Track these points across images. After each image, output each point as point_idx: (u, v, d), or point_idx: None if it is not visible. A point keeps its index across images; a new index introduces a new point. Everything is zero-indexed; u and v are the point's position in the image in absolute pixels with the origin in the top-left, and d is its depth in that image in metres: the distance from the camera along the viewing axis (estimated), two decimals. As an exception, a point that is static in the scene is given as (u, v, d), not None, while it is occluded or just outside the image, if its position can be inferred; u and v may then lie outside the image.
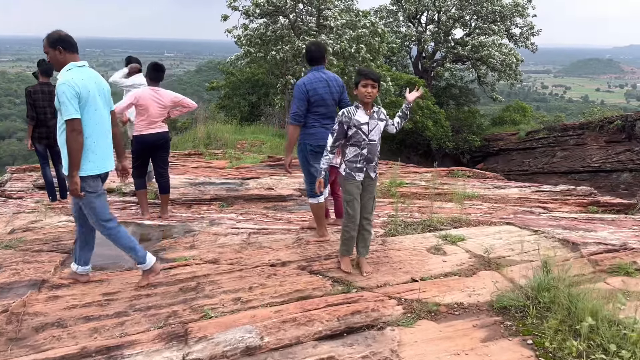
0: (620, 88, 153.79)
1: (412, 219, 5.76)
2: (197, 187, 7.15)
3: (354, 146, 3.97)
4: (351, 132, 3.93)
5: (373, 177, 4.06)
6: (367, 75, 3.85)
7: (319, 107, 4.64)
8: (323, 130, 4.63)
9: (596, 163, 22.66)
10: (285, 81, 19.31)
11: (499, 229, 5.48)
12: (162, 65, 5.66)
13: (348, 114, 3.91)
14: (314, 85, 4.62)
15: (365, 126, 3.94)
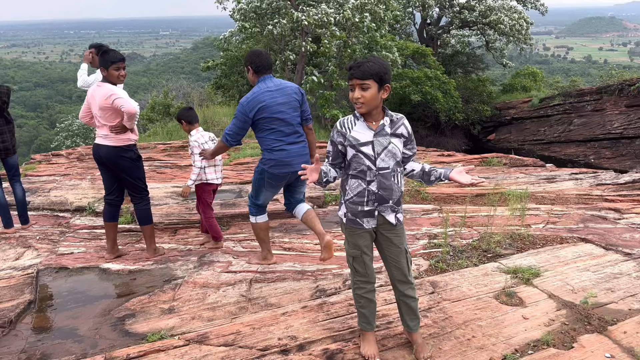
0: (624, 46, 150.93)
1: (460, 238, 4.48)
2: (186, 200, 5.84)
3: (356, 178, 2.60)
4: (350, 156, 2.59)
5: (394, 223, 2.66)
6: (351, 71, 2.48)
7: (274, 122, 3.74)
8: (287, 153, 3.74)
9: (617, 129, 21.34)
10: (285, 57, 17.86)
11: (577, 250, 4.21)
12: (104, 46, 4.21)
13: (342, 127, 2.58)
14: (263, 99, 3.72)
15: (368, 147, 2.54)
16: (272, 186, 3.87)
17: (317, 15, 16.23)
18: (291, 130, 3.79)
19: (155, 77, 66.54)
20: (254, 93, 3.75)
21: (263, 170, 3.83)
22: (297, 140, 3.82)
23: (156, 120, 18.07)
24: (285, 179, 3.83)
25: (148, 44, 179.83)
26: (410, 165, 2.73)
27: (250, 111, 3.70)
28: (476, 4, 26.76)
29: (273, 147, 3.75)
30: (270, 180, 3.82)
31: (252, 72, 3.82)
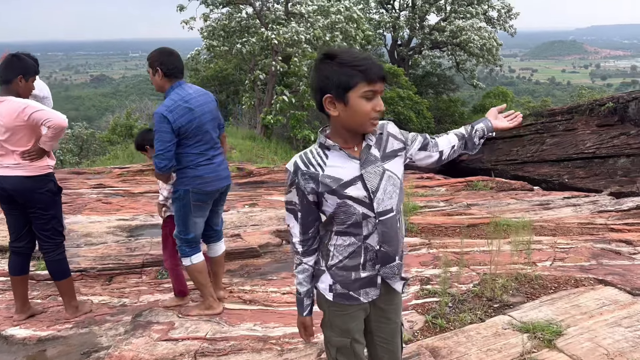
0: (585, 68, 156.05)
1: (458, 283, 3.72)
2: (128, 238, 4.93)
3: (346, 235, 1.77)
4: (331, 206, 1.75)
5: (399, 290, 1.87)
6: (371, 70, 1.62)
7: (197, 136, 3.14)
8: (212, 168, 3.21)
9: (590, 149, 21.23)
10: (254, 77, 17.16)
11: (598, 297, 3.50)
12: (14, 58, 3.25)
13: (309, 166, 1.73)
14: (183, 109, 3.07)
15: (357, 187, 1.72)
16: (200, 209, 3.22)
17: (287, 33, 15.61)
18: (213, 143, 3.24)
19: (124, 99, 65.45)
20: (174, 101, 3.06)
21: (186, 193, 3.15)
22: (218, 153, 3.28)
23: (117, 142, 17.03)
24: (213, 197, 3.25)
25: (117, 66, 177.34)
26: (445, 145, 1.91)
27: (175, 121, 3.01)
28: (446, 25, 26.80)
29: (198, 163, 3.16)
30: (198, 202, 3.18)
31: (162, 75, 3.11)
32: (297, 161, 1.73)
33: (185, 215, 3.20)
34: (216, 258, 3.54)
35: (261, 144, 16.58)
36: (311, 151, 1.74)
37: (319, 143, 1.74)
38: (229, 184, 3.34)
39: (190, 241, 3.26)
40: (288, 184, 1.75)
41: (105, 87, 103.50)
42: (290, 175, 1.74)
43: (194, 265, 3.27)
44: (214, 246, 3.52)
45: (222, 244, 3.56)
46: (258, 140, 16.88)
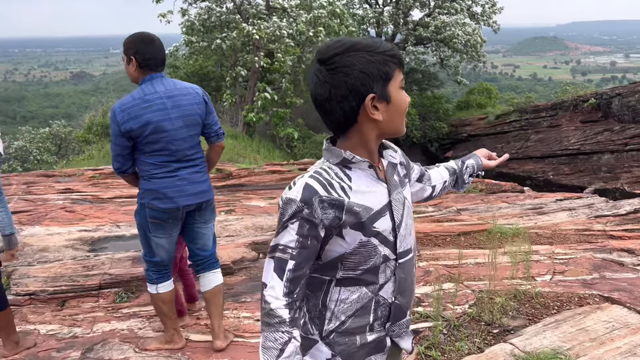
0: (566, 64, 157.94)
1: (453, 305, 3.36)
2: (89, 253, 4.48)
3: (356, 284, 1.33)
4: (349, 246, 1.28)
5: (408, 349, 1.45)
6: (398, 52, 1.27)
7: (155, 144, 2.63)
8: (172, 182, 2.68)
9: (574, 145, 21.25)
10: (236, 73, 16.68)
11: (606, 318, 3.16)
12: None
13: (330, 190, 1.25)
14: (139, 110, 2.58)
15: (386, 219, 1.31)
16: (160, 228, 2.71)
17: (268, 28, 15.14)
18: (182, 154, 2.69)
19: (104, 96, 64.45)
20: (133, 99, 2.59)
21: (142, 207, 2.70)
22: (188, 165, 2.73)
23: (93, 142, 16.42)
24: (174, 216, 2.71)
25: (97, 62, 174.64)
26: (437, 179, 1.65)
27: (124, 123, 2.54)
28: (430, 20, 26.58)
29: (153, 174, 2.66)
30: (154, 219, 2.69)
31: (136, 66, 2.64)
32: (312, 183, 1.23)
33: (144, 234, 2.76)
34: (208, 293, 2.92)
35: (243, 142, 16.13)
36: (326, 170, 1.27)
37: (342, 158, 1.27)
38: (202, 201, 2.78)
39: (158, 265, 2.79)
40: (286, 218, 1.23)
41: (86, 84, 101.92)
42: (297, 205, 1.22)
43: (158, 295, 2.82)
44: (204, 277, 2.93)
45: (216, 275, 2.95)
46: (240, 139, 16.41)
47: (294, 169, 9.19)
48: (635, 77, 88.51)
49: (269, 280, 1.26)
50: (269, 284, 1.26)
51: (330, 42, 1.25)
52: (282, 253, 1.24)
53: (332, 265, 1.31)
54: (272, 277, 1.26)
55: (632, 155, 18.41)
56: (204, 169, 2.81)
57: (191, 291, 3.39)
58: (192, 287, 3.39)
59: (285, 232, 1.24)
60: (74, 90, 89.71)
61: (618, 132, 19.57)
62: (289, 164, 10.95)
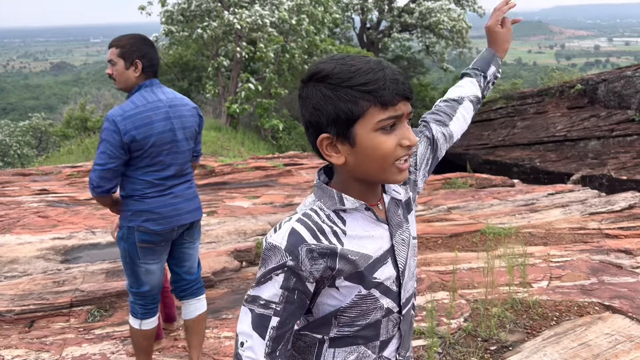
0: (550, 49, 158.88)
1: (447, 318, 3.16)
2: (60, 266, 4.21)
3: (352, 345, 1.11)
4: (338, 298, 1.08)
5: None
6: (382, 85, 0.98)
7: (154, 158, 2.37)
8: (167, 200, 2.42)
9: (561, 132, 21.23)
10: (217, 63, 16.31)
11: (608, 330, 2.99)
12: None
13: (317, 235, 1.04)
14: (144, 118, 2.33)
15: (388, 266, 1.10)
16: (152, 253, 2.44)
17: (250, 17, 14.77)
18: (179, 169, 2.45)
19: (86, 87, 63.41)
20: (136, 106, 2.32)
21: (130, 231, 2.40)
22: (182, 181, 2.49)
23: (72, 136, 16.00)
24: (168, 238, 2.46)
25: (78, 52, 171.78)
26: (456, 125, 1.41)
27: (128, 132, 2.26)
28: (415, 6, 26.37)
29: (146, 194, 2.38)
30: (146, 243, 2.41)
31: (141, 71, 2.37)
32: (299, 229, 1.04)
33: (132, 262, 2.45)
34: (190, 321, 2.64)
35: (227, 134, 15.82)
36: (316, 212, 1.08)
37: (335, 206, 1.08)
38: (197, 219, 2.56)
39: (145, 296, 2.50)
40: (269, 268, 1.04)
41: (66, 74, 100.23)
42: (281, 254, 1.03)
43: (141, 331, 2.53)
44: (187, 304, 2.65)
45: (201, 302, 2.69)
46: (224, 131, 16.09)
47: (280, 164, 8.95)
48: (619, 60, 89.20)
49: (248, 337, 1.05)
50: (247, 343, 1.05)
51: (313, 66, 1.06)
52: (264, 309, 1.05)
53: (324, 322, 1.11)
54: (251, 334, 1.05)
55: (618, 142, 18.43)
56: (193, 184, 2.58)
57: (170, 311, 3.15)
58: (171, 306, 3.15)
59: (268, 284, 1.04)
60: (55, 81, 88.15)
61: (604, 118, 19.58)
62: (274, 157, 10.70)
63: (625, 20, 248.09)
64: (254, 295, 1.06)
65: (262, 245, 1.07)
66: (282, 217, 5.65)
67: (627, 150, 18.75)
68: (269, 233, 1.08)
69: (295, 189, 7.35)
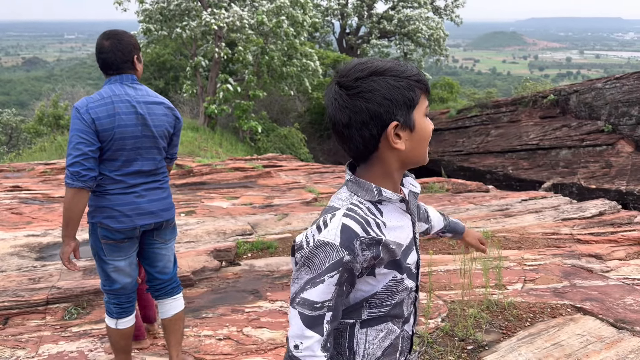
0: (524, 59, 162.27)
1: (425, 318, 3.22)
2: (36, 263, 4.14)
3: (384, 321, 1.21)
4: (373, 284, 1.17)
5: None
6: (423, 76, 1.14)
7: (120, 152, 2.33)
8: (129, 199, 2.38)
9: (533, 140, 21.76)
10: (196, 63, 16.18)
11: (580, 332, 3.09)
12: None
13: (366, 228, 1.13)
14: (109, 109, 2.30)
15: (413, 252, 1.24)
16: (115, 249, 2.40)
17: (228, 18, 14.72)
18: (144, 168, 2.41)
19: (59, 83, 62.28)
20: (102, 97, 2.30)
21: (94, 227, 2.37)
22: (149, 180, 2.44)
23: (44, 133, 15.66)
24: (130, 236, 2.42)
25: (51, 48, 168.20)
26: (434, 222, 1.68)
27: (93, 121, 2.24)
28: (394, 13, 26.66)
29: (107, 189, 2.34)
30: (108, 240, 2.37)
31: (100, 69, 2.39)
32: (350, 224, 1.11)
33: (99, 259, 2.43)
34: (167, 320, 2.62)
35: (204, 135, 15.70)
36: (357, 206, 1.15)
37: (374, 197, 1.16)
38: (163, 220, 2.49)
39: (118, 295, 2.47)
40: (324, 268, 1.08)
41: (39, 70, 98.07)
42: (337, 251, 1.08)
43: (117, 330, 2.50)
44: (163, 304, 2.62)
45: (177, 301, 2.65)
46: (201, 131, 15.97)
47: (259, 166, 8.95)
48: (590, 73, 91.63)
49: (303, 339, 1.10)
50: (302, 345, 1.10)
51: (352, 63, 1.14)
52: (320, 310, 1.10)
53: (356, 308, 1.20)
54: (307, 335, 1.10)
55: (588, 151, 18.95)
56: (165, 185, 2.53)
57: (148, 312, 3.08)
58: (150, 308, 3.08)
59: (322, 287, 1.09)
60: (27, 76, 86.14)
61: (575, 127, 20.13)
62: (253, 159, 10.68)
63: (597, 34, 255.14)
64: (307, 298, 1.09)
65: (304, 244, 1.11)
66: (262, 217, 5.66)
67: (596, 160, 19.28)
68: (309, 232, 1.13)
69: (274, 191, 7.36)
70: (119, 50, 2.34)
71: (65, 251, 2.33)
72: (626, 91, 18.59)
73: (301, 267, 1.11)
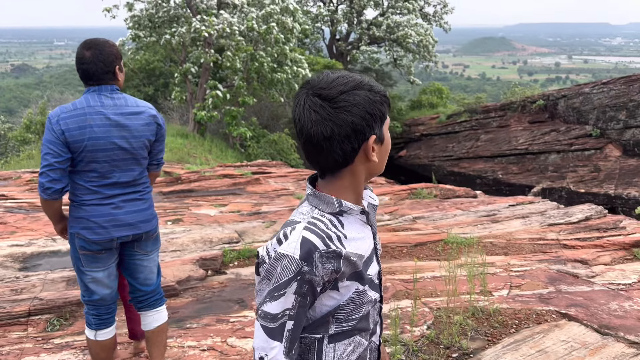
0: (513, 64, 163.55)
1: (411, 326, 3.21)
2: (19, 273, 4.08)
3: (351, 336, 1.22)
4: (336, 297, 1.18)
5: None
6: (387, 94, 1.19)
7: (94, 163, 2.32)
8: (106, 210, 2.36)
9: (523, 145, 21.92)
10: (185, 70, 16.15)
11: (565, 338, 3.10)
12: None
13: (326, 241, 1.13)
14: (80, 121, 2.27)
15: (374, 264, 1.26)
16: (93, 260, 2.37)
17: (218, 25, 14.72)
18: (121, 179, 2.38)
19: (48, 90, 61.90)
20: (75, 108, 2.27)
21: (72, 237, 2.38)
22: (127, 192, 2.41)
23: (32, 141, 15.53)
24: (107, 247, 2.39)
25: (41, 55, 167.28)
26: None
27: (63, 132, 2.22)
28: (383, 19, 26.79)
29: (83, 200, 2.33)
30: (85, 251, 2.35)
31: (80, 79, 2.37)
32: (310, 237, 1.11)
33: (78, 269, 2.42)
34: (150, 332, 2.60)
35: (194, 141, 15.67)
36: (319, 219, 1.16)
37: (334, 209, 1.17)
38: (140, 232, 2.45)
39: (97, 306, 2.44)
40: (283, 280, 1.10)
41: (28, 77, 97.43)
42: (296, 264, 1.09)
43: (96, 342, 2.47)
44: (146, 315, 2.60)
45: (160, 313, 2.62)
46: (190, 138, 15.93)
47: (248, 172, 8.92)
48: (578, 77, 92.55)
49: (267, 351, 1.12)
50: (266, 357, 1.12)
51: (330, 76, 1.15)
52: (280, 320, 1.12)
53: (322, 322, 1.20)
54: (270, 345, 1.12)
55: (577, 155, 19.09)
56: (146, 196, 2.49)
57: (135, 327, 2.99)
58: (136, 322, 3.00)
59: (282, 299, 1.11)
60: (15, 83, 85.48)
61: (564, 132, 20.29)
62: (243, 165, 10.65)
63: (585, 39, 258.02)
64: (268, 312, 1.12)
65: (265, 257, 1.13)
66: (249, 225, 5.63)
67: (585, 164, 19.42)
68: (269, 244, 1.15)
69: (263, 198, 7.33)
70: (101, 60, 2.32)
71: (55, 230, 2.51)
72: (613, 96, 18.78)
73: (262, 280, 1.13)
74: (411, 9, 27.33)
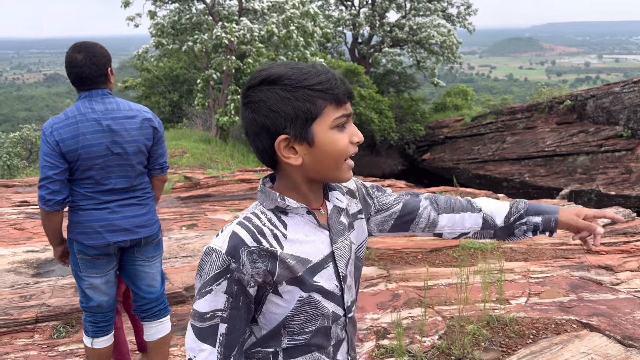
0: (541, 65, 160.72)
1: (421, 335, 3.09)
2: (29, 280, 4.11)
3: (305, 353, 1.13)
4: (282, 304, 1.09)
5: None
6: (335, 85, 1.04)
7: (89, 171, 2.28)
8: (101, 215, 2.33)
9: (550, 147, 21.39)
10: (207, 76, 16.29)
11: (585, 350, 2.94)
12: None
13: (257, 237, 1.06)
14: (73, 130, 2.23)
15: (328, 270, 1.12)
16: (91, 266, 2.35)
17: (239, 31, 14.80)
18: (118, 185, 2.34)
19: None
20: (67, 117, 2.24)
21: (70, 242, 2.37)
22: (124, 197, 2.37)
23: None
24: (106, 252, 2.35)
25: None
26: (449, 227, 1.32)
27: (57, 143, 2.19)
28: (405, 21, 26.59)
29: (79, 205, 2.30)
30: (83, 255, 2.33)
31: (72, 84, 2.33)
32: (239, 232, 1.05)
33: (76, 275, 2.40)
34: (152, 343, 2.55)
35: (216, 147, 15.77)
36: (257, 216, 1.09)
37: (275, 204, 1.09)
38: (139, 237, 2.40)
39: (94, 313, 2.41)
40: (210, 276, 1.03)
41: (60, 86, 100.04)
42: (222, 259, 1.03)
43: (93, 350, 2.44)
44: (149, 327, 2.55)
45: (163, 324, 2.57)
46: (213, 143, 16.04)
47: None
48: (609, 77, 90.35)
49: (197, 352, 1.05)
50: (197, 357, 1.05)
51: (257, 70, 1.07)
52: (211, 320, 1.04)
53: (274, 334, 1.11)
54: (200, 347, 1.05)
55: (607, 157, 18.55)
56: (146, 201, 2.44)
57: (141, 340, 2.87)
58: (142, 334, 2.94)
59: (209, 297, 1.04)
60: (48, 92, 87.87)
61: (593, 133, 19.73)
62: (262, 170, 10.64)
63: (615, 38, 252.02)
64: (196, 310, 1.06)
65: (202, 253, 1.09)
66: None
67: (615, 166, 18.83)
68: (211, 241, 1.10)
69: (279, 203, 7.28)
70: (94, 63, 2.28)
71: (55, 255, 2.48)
72: (644, 95, 18.19)
73: (195, 276, 1.08)
74: (433, 10, 27.06)
